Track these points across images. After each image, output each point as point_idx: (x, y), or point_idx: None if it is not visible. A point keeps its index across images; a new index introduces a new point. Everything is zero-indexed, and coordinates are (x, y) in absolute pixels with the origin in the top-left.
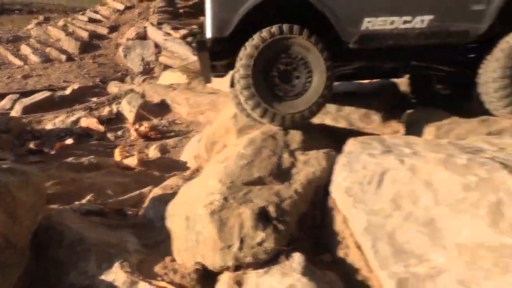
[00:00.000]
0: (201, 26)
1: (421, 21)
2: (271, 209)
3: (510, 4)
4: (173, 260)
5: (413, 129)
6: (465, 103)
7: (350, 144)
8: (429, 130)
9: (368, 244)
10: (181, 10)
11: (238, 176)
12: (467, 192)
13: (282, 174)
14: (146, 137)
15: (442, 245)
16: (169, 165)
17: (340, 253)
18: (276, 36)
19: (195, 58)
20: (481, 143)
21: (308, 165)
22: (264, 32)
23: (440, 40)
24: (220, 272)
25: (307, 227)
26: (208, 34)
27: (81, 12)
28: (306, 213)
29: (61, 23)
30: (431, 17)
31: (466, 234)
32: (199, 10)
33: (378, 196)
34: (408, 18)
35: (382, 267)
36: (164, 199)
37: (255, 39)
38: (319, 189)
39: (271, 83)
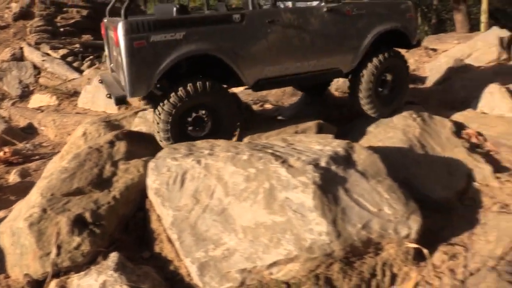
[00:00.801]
0: (84, 45)
1: (307, 65)
2: (87, 215)
3: None
4: (7, 276)
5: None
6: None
7: (162, 151)
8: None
9: (175, 237)
10: (61, 29)
11: (59, 188)
12: (248, 182)
13: (102, 183)
14: (7, 163)
15: (233, 229)
16: (28, 188)
17: (157, 248)
18: (191, 93)
19: (74, 76)
20: (277, 141)
21: (127, 172)
22: (180, 92)
23: (323, 78)
24: (50, 280)
25: (132, 228)
26: (128, 94)
27: None
28: (129, 215)
29: None
30: (315, 61)
31: (248, 218)
32: (80, 28)
33: (181, 193)
34: (298, 64)
35: (187, 254)
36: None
37: (172, 98)
38: (143, 193)
39: (185, 130)
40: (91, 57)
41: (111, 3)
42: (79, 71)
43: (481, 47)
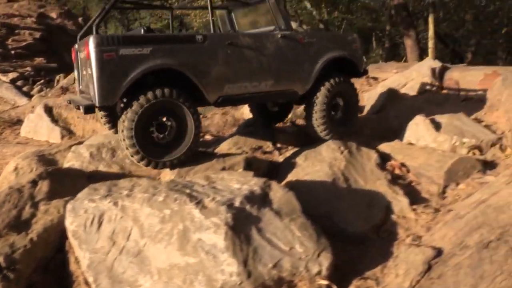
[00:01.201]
0: (36, 68)
1: (265, 85)
2: (1, 260)
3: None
4: None
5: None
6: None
7: (82, 191)
8: (172, 170)
9: (91, 279)
10: (12, 52)
11: None
12: (164, 224)
13: (20, 225)
14: None
15: (148, 271)
16: None
17: None
18: (151, 100)
19: (23, 101)
20: (199, 179)
21: (47, 213)
22: (141, 99)
23: (280, 98)
24: None
25: (52, 270)
26: (96, 103)
27: None
28: (49, 257)
29: None
30: (272, 81)
31: (163, 259)
32: (32, 51)
33: (98, 235)
34: (256, 83)
35: None
36: None
37: (134, 105)
38: (64, 234)
39: (149, 138)
40: (42, 81)
41: (82, 29)
42: (29, 95)
43: (415, 77)
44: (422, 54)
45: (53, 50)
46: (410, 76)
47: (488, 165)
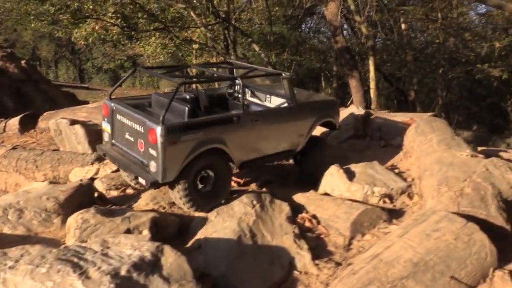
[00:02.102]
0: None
1: (274, 149)
2: None
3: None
4: None
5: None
6: None
7: None
8: (74, 232)
9: None
10: None
11: None
12: None
13: None
14: None
15: None
16: None
17: None
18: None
19: None
20: (94, 244)
21: None
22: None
23: (282, 157)
24: None
25: None
26: (160, 180)
27: None
28: None
29: None
30: (279, 145)
31: None
32: None
33: None
34: (270, 148)
35: None
36: None
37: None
38: None
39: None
40: None
41: (113, 88)
42: None
43: (341, 124)
44: (366, 94)
45: None
46: None
47: (397, 214)
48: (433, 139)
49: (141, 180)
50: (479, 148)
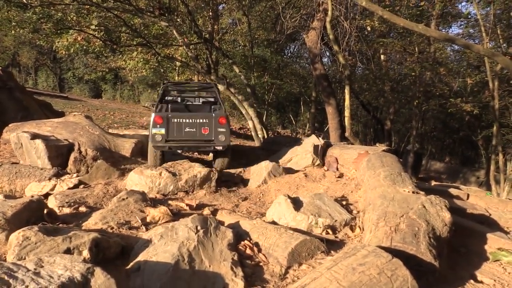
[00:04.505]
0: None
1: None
2: None
3: None
4: None
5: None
6: None
7: None
8: (14, 249)
9: None
10: None
11: None
12: None
13: None
14: None
15: None
16: None
17: None
18: None
19: None
20: (29, 263)
21: None
22: None
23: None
24: None
25: None
26: (228, 144)
27: None
28: None
29: None
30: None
31: None
32: None
33: None
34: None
35: None
36: None
37: None
38: None
39: None
40: None
41: (156, 103)
42: None
43: (300, 153)
44: (342, 121)
45: None
46: (295, 151)
47: (337, 245)
48: (381, 173)
49: (217, 147)
50: (433, 183)
